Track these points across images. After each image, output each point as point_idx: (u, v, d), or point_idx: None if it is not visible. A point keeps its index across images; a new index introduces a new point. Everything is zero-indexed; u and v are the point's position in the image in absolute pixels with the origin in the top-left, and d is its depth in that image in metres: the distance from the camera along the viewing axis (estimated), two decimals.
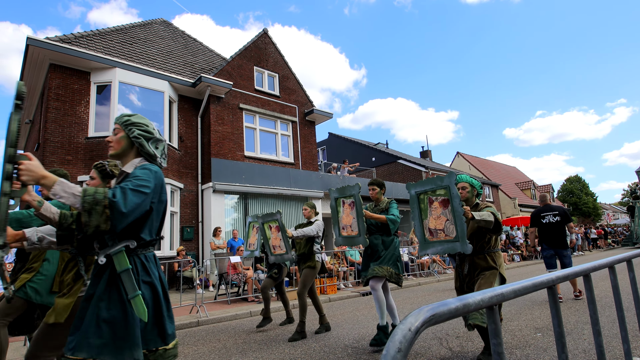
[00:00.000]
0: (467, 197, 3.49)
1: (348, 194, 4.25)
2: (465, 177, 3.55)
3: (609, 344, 3.73)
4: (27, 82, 10.86)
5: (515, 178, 38.16)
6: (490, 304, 0.94)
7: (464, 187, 3.49)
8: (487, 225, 2.98)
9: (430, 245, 3.19)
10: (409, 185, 3.39)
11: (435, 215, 3.14)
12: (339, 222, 4.37)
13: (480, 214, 2.95)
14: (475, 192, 3.56)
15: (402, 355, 0.68)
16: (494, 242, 3.36)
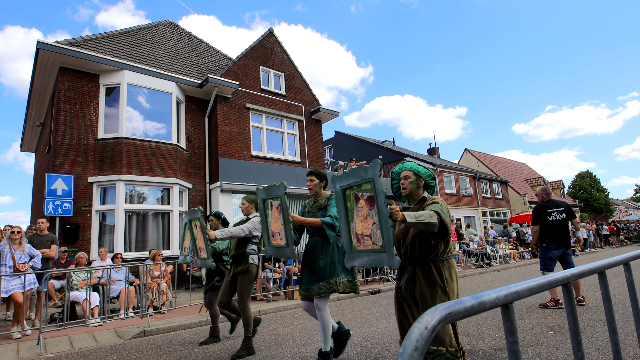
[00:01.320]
0: (411, 189, 2.70)
1: (274, 195, 3.43)
2: (409, 165, 2.81)
3: (623, 342, 3.68)
4: (37, 85, 11.03)
5: (524, 174, 37.77)
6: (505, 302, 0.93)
7: (407, 176, 2.72)
8: (428, 228, 2.26)
9: (357, 255, 2.51)
10: (334, 178, 2.67)
11: (362, 216, 2.45)
12: (267, 228, 3.59)
13: (417, 214, 2.22)
14: (422, 182, 2.75)
15: (419, 354, 0.67)
16: (442, 247, 2.58)
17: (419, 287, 2.55)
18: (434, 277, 2.52)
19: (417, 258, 2.60)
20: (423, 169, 2.80)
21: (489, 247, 14.59)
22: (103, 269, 6.95)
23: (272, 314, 6.95)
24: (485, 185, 26.20)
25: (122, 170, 9.99)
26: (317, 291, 3.45)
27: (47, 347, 4.97)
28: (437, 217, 2.29)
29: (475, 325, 4.86)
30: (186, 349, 4.66)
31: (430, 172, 2.81)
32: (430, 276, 2.53)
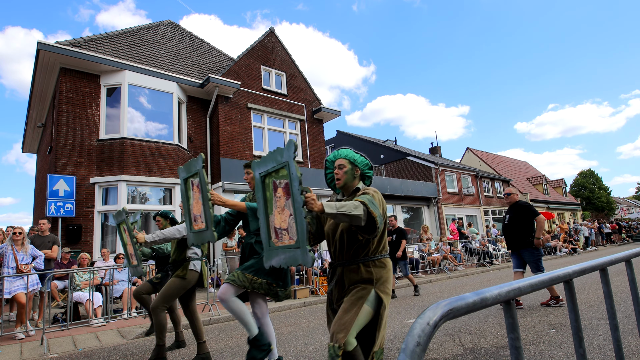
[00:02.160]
0: (346, 180, 2.39)
1: (194, 171, 2.90)
2: (345, 152, 2.48)
3: (624, 339, 3.68)
4: (38, 85, 11.05)
5: (526, 173, 37.70)
6: (507, 299, 0.94)
7: (341, 165, 2.40)
8: (352, 221, 1.96)
9: (274, 252, 2.18)
10: (253, 164, 2.33)
11: (280, 207, 2.13)
12: (190, 212, 3.05)
13: (340, 204, 1.92)
14: (359, 172, 2.45)
15: (421, 350, 0.68)
16: (374, 245, 2.27)
17: (348, 286, 2.26)
18: (363, 277, 2.21)
19: (346, 258, 2.28)
20: (360, 157, 2.48)
21: (491, 246, 14.59)
22: (106, 269, 6.97)
23: (274, 313, 6.96)
24: (487, 184, 26.18)
25: (123, 170, 10.02)
26: (229, 276, 3.14)
27: (50, 347, 4.99)
28: (363, 209, 1.98)
29: (478, 323, 4.87)
30: (189, 349, 4.67)
31: (367, 161, 2.50)
32: (359, 277, 2.22)
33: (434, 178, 21.07)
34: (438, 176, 21.20)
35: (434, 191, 19.97)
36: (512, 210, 6.00)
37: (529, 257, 5.73)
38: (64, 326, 5.76)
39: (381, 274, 2.25)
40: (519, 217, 5.86)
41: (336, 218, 1.93)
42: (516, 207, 5.99)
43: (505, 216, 6.15)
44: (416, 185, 19.01)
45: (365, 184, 2.52)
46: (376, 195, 2.23)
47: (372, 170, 2.53)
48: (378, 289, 2.21)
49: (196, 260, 4.02)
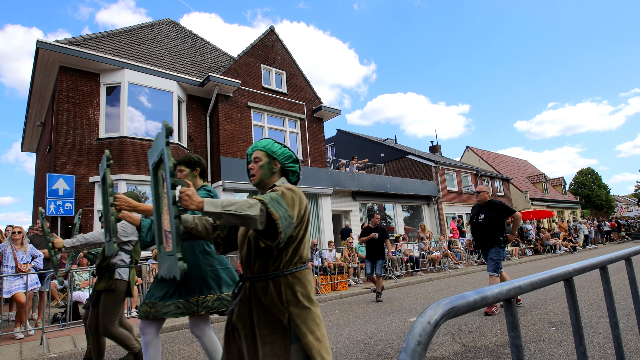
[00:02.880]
0: (262, 176, 2.00)
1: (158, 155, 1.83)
2: (263, 143, 2.08)
3: (624, 337, 3.68)
4: (37, 84, 11.04)
5: (526, 171, 37.70)
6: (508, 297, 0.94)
7: (257, 158, 2.02)
8: (244, 223, 1.58)
9: (162, 259, 1.85)
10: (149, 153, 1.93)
11: (166, 205, 1.77)
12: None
13: (227, 202, 1.57)
14: (278, 166, 2.04)
15: (422, 348, 0.68)
16: (288, 255, 1.81)
17: (255, 313, 1.79)
18: (273, 300, 1.75)
19: (253, 271, 1.84)
20: (280, 148, 2.07)
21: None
22: None
23: None
24: (487, 182, 26.17)
25: (123, 169, 10.01)
26: (141, 310, 2.73)
27: (50, 347, 4.99)
28: (260, 208, 1.59)
29: (478, 321, 4.87)
30: (189, 348, 4.67)
31: (290, 153, 2.08)
32: (267, 298, 1.77)
33: (434, 177, 21.06)
34: (438, 175, 21.20)
35: (434, 190, 19.97)
36: (487, 208, 5.79)
37: (494, 254, 5.55)
38: (64, 326, 5.76)
39: (295, 293, 1.78)
40: (495, 216, 5.66)
41: (221, 219, 1.55)
42: (491, 206, 5.78)
43: (478, 214, 5.86)
44: (416, 183, 19.00)
45: (291, 180, 2.10)
46: (289, 193, 1.78)
47: (297, 163, 2.10)
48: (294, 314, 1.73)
49: (123, 268, 3.51)
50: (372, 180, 16.50)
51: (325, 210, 14.01)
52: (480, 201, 5.96)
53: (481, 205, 5.90)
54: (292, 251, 1.82)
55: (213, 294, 2.73)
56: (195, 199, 1.53)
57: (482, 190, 5.99)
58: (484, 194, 5.95)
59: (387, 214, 17.88)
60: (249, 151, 2.12)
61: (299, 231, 1.82)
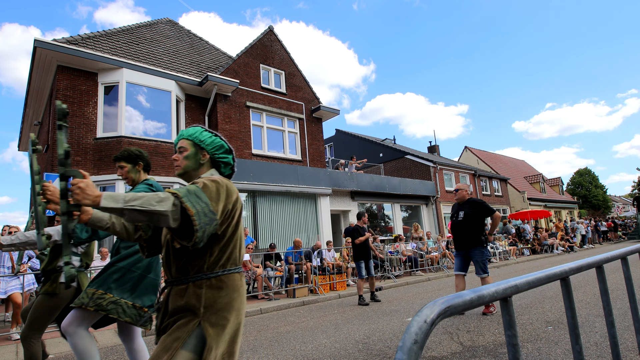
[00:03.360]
0: (186, 167, 1.77)
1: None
2: (189, 131, 1.84)
3: (620, 336, 3.70)
4: (35, 83, 11.01)
5: (524, 172, 37.79)
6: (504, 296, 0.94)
7: (182, 148, 1.79)
8: (153, 220, 1.37)
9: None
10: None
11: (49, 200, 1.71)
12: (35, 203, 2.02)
13: (130, 196, 1.34)
14: (207, 157, 1.81)
15: (418, 347, 0.68)
16: (214, 256, 1.60)
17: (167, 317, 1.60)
18: (189, 302, 1.54)
19: (174, 274, 1.63)
20: (210, 137, 1.84)
21: (489, 244, 14.63)
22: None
23: (273, 312, 6.97)
24: (485, 182, 26.23)
25: None
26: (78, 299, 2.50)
27: (47, 347, 4.98)
28: (172, 203, 1.38)
29: (476, 321, 4.89)
30: None
31: (221, 142, 1.86)
32: (183, 300, 1.56)
33: (433, 177, 21.10)
34: (436, 175, 21.24)
35: (433, 190, 20.00)
36: (467, 206, 5.63)
37: (478, 256, 5.40)
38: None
39: (216, 299, 1.56)
40: (475, 213, 5.51)
41: (124, 216, 1.32)
42: (471, 204, 5.62)
43: (458, 212, 5.69)
44: (415, 183, 19.03)
45: (223, 173, 1.88)
46: (212, 185, 1.55)
47: (229, 154, 1.88)
48: (207, 322, 1.52)
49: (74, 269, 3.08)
50: (371, 180, 16.51)
51: (324, 210, 14.01)
52: (459, 199, 5.81)
53: (460, 204, 5.77)
54: (219, 251, 1.60)
55: (115, 295, 2.47)
56: (90, 192, 1.30)
57: (460, 188, 5.82)
58: (462, 191, 5.79)
59: (386, 214, 17.89)
60: (175, 140, 1.88)
61: (227, 228, 1.60)
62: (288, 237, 12.90)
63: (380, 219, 17.75)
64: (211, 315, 1.53)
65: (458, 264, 5.62)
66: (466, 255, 5.53)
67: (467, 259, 5.57)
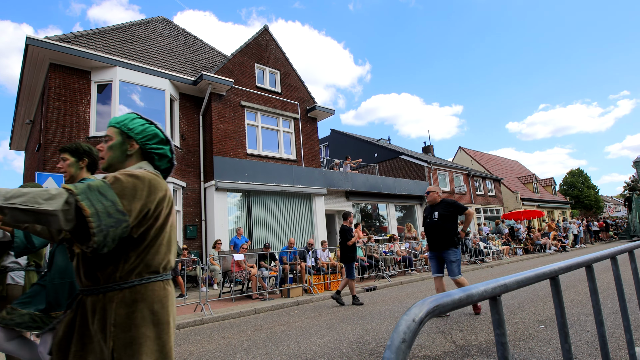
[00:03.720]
0: (110, 160, 1.55)
1: None
2: (119, 118, 1.60)
3: (611, 335, 3.74)
4: (27, 81, 10.90)
5: (517, 172, 38.07)
6: (493, 295, 0.95)
7: (108, 137, 1.57)
8: (40, 221, 1.17)
9: None
10: None
11: None
12: None
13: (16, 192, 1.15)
14: (135, 147, 1.56)
15: (406, 346, 0.69)
16: (130, 264, 1.35)
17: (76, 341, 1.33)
18: (100, 322, 1.30)
19: (83, 282, 1.39)
20: (142, 125, 1.60)
21: (482, 244, 14.72)
22: None
23: (267, 312, 6.96)
24: (479, 182, 26.39)
25: None
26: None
27: None
28: (64, 200, 1.18)
29: (469, 320, 4.92)
30: (180, 349, 4.65)
31: (155, 131, 1.61)
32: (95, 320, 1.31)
33: (427, 177, 21.18)
34: (431, 175, 21.33)
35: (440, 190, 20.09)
36: (440, 207, 5.57)
37: (453, 256, 5.33)
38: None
39: (129, 315, 1.30)
40: (450, 213, 5.47)
41: (5, 215, 1.13)
42: (445, 204, 5.57)
43: (432, 214, 5.61)
44: (409, 183, 19.10)
45: (159, 166, 1.63)
46: (128, 180, 1.31)
47: (166, 145, 1.63)
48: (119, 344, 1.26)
49: (17, 272, 3.01)
50: (366, 180, 16.54)
51: (318, 210, 14.01)
52: (430, 202, 5.74)
53: (433, 205, 5.70)
54: (136, 258, 1.35)
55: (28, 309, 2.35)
56: None
57: (431, 190, 5.74)
58: (433, 194, 5.71)
59: (381, 214, 17.94)
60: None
61: (148, 231, 1.36)
62: (283, 237, 12.89)
63: (375, 219, 17.79)
64: (123, 334, 1.26)
65: (435, 266, 5.57)
66: (440, 256, 5.47)
67: (442, 260, 5.51)
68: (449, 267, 5.37)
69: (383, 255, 11.20)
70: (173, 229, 1.48)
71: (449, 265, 5.36)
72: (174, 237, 1.49)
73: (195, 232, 11.62)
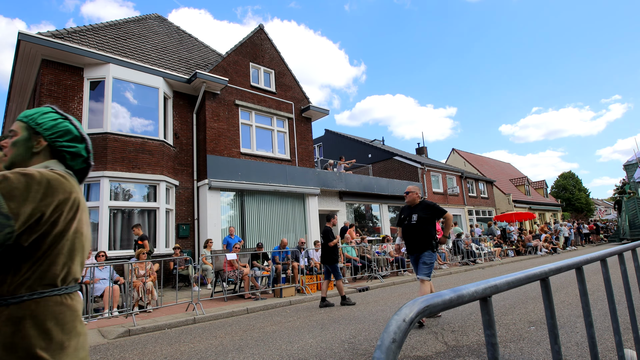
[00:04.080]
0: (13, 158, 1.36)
1: None
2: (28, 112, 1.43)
3: (601, 336, 3.78)
4: (18, 77, 10.76)
5: (509, 174, 38.38)
6: (484, 296, 0.95)
7: (13, 132, 1.40)
8: None
9: None
10: None
11: None
12: None
13: None
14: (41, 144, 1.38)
15: (397, 346, 0.68)
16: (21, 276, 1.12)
17: None
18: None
19: None
20: (53, 120, 1.42)
21: (475, 245, 14.81)
22: (86, 267, 6.84)
23: (260, 311, 6.94)
24: (472, 184, 26.55)
25: (106, 166, 9.83)
26: None
27: None
28: None
29: (460, 321, 4.94)
30: (172, 348, 4.62)
31: (67, 127, 1.43)
32: None
33: (420, 178, 21.28)
34: (424, 176, 21.43)
35: (420, 191, 20.17)
36: (419, 209, 5.33)
37: (429, 258, 5.07)
38: None
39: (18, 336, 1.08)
40: (429, 216, 5.23)
41: None
42: (424, 206, 5.34)
43: (410, 215, 5.35)
44: (403, 184, 19.16)
45: (72, 166, 1.43)
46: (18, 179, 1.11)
47: (81, 143, 1.45)
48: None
49: None
50: (359, 181, 16.56)
51: (312, 210, 14.01)
52: (410, 202, 5.50)
53: (412, 207, 5.45)
54: (28, 269, 1.15)
55: None
56: None
57: (410, 190, 5.51)
58: (412, 195, 5.48)
59: (374, 215, 17.98)
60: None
61: (43, 239, 1.16)
62: (276, 236, 12.87)
63: (368, 220, 17.82)
64: (8, 358, 1.06)
65: (415, 269, 5.35)
66: (418, 258, 5.20)
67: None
68: (420, 266, 5.08)
69: (376, 256, 11.23)
70: (80, 237, 1.28)
71: (420, 265, 5.09)
72: (79, 245, 1.28)
73: (187, 231, 11.56)
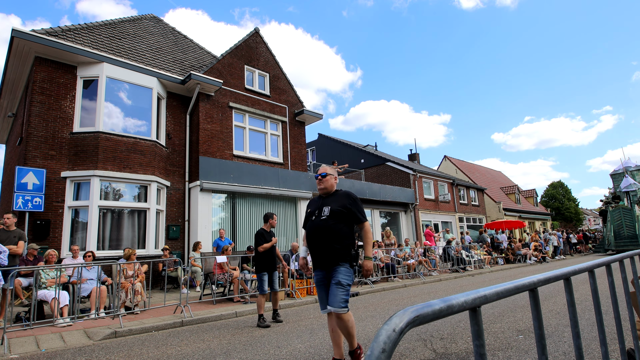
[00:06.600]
0: None
1: None
2: None
3: (588, 346, 3.82)
4: (11, 74, 10.63)
5: (500, 182, 38.75)
6: (473, 306, 0.96)
7: None
8: None
9: None
10: None
11: None
12: None
13: None
14: None
15: (386, 356, 0.69)
16: None
17: None
18: None
19: None
20: None
21: (465, 253, 14.89)
22: (74, 267, 6.73)
23: (249, 315, 6.89)
24: (463, 191, 26.74)
25: (97, 165, 9.72)
26: None
27: (11, 347, 4.77)
28: None
29: (449, 328, 4.95)
30: (159, 351, 4.56)
31: None
32: None
33: (412, 184, 21.38)
34: (416, 182, 21.53)
35: (412, 197, 20.25)
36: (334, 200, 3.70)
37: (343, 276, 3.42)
38: (27, 325, 5.52)
39: None
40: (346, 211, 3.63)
41: None
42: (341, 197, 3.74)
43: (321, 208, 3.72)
44: (394, 190, 19.23)
45: None
46: None
47: None
48: None
49: None
50: (351, 186, 16.59)
51: (304, 214, 13.97)
52: (324, 190, 3.78)
53: (325, 197, 3.79)
54: None
55: None
56: None
57: (327, 172, 3.81)
58: (330, 178, 3.80)
59: None
60: None
61: None
62: None
63: None
64: None
65: (322, 296, 3.59)
66: (329, 276, 3.51)
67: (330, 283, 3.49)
68: (333, 290, 3.37)
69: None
70: None
71: (332, 289, 3.38)
72: None
73: (177, 233, 11.46)
